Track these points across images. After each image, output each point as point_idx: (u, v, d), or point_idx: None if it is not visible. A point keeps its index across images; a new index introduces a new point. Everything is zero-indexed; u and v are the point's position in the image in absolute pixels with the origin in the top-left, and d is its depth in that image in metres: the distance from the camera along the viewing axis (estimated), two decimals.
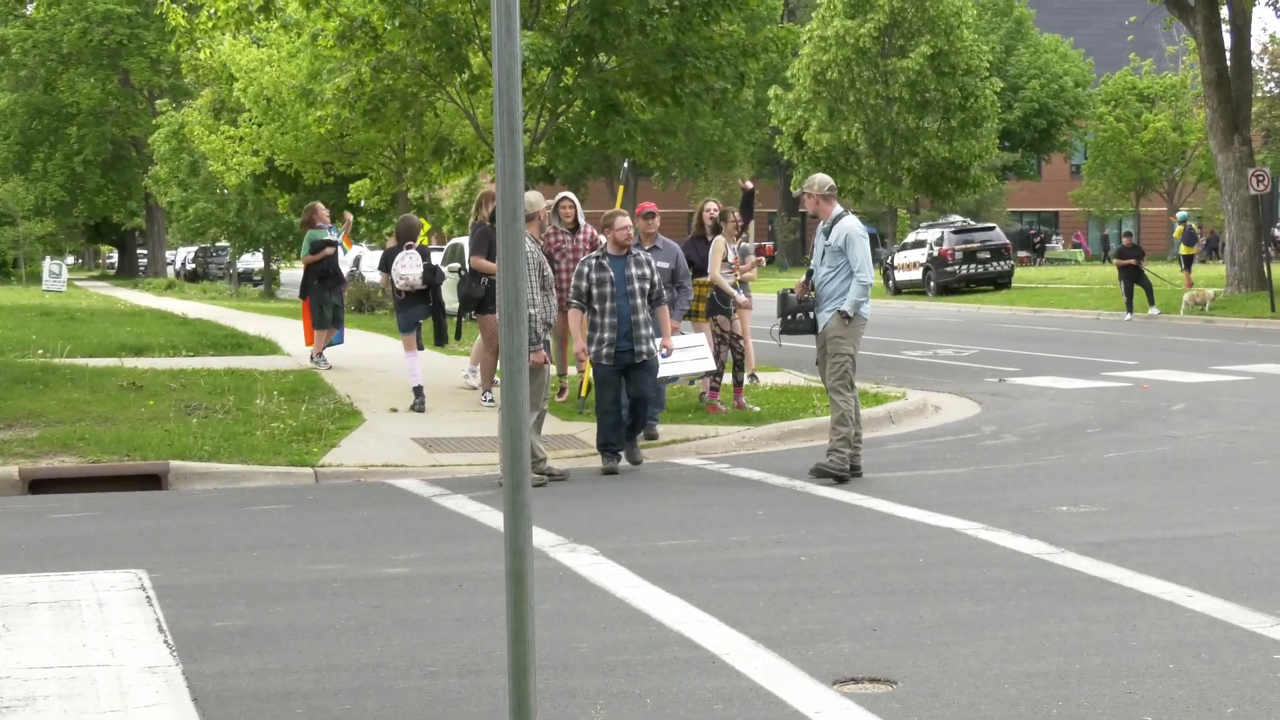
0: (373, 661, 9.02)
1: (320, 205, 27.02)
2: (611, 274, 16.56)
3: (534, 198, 17.26)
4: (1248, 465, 16.10)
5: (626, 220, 16.75)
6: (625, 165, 20.56)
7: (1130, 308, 43.01)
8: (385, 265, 21.85)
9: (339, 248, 26.18)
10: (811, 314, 15.86)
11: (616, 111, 27.52)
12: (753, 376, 22.67)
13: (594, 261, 16.67)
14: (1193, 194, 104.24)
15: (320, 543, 12.84)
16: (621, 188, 19.79)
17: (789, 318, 16.08)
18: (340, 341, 26.66)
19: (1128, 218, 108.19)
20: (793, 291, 16.08)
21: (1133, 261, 43.01)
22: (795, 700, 8.15)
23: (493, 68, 6.28)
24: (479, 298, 20.09)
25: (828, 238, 15.76)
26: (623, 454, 16.81)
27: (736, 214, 21.53)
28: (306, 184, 44.72)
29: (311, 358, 25.90)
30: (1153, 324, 41.11)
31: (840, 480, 15.21)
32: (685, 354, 18.70)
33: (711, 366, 19.55)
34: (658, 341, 16.82)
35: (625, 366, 16.57)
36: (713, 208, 21.40)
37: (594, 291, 16.53)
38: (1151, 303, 43.03)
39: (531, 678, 6.35)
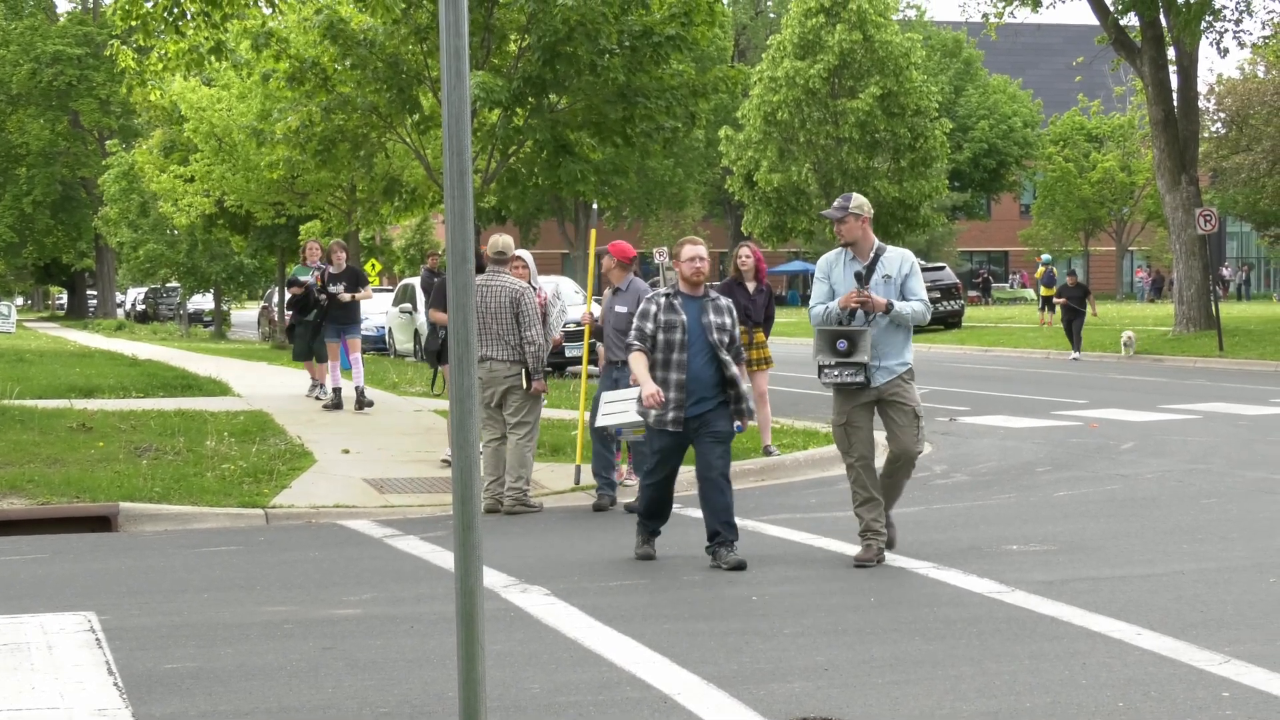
0: (324, 703, 8.99)
1: (314, 244, 27.56)
2: (684, 318, 13.25)
3: (505, 241, 17.20)
4: (1196, 503, 16.18)
5: (699, 249, 13.47)
6: (594, 207, 20.18)
7: (1076, 346, 43.20)
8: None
9: (313, 288, 26.24)
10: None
11: (568, 152, 27.60)
12: (768, 450, 20.06)
13: (663, 300, 13.37)
14: (1141, 233, 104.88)
15: (271, 584, 12.79)
16: (594, 231, 19.46)
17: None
18: (346, 366, 26.98)
19: (1077, 257, 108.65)
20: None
21: (1065, 300, 43.38)
22: None
23: (442, 110, 6.30)
24: (436, 350, 20.68)
25: (869, 275, 12.88)
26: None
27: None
28: (259, 224, 44.67)
29: (314, 391, 27.57)
30: (1102, 362, 41.28)
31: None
32: (625, 404, 16.31)
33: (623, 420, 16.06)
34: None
35: (691, 437, 13.40)
36: (745, 254, 19.98)
37: (660, 338, 13.26)
38: (1075, 348, 43.21)
39: (482, 719, 6.34)
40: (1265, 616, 10.73)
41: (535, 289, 18.04)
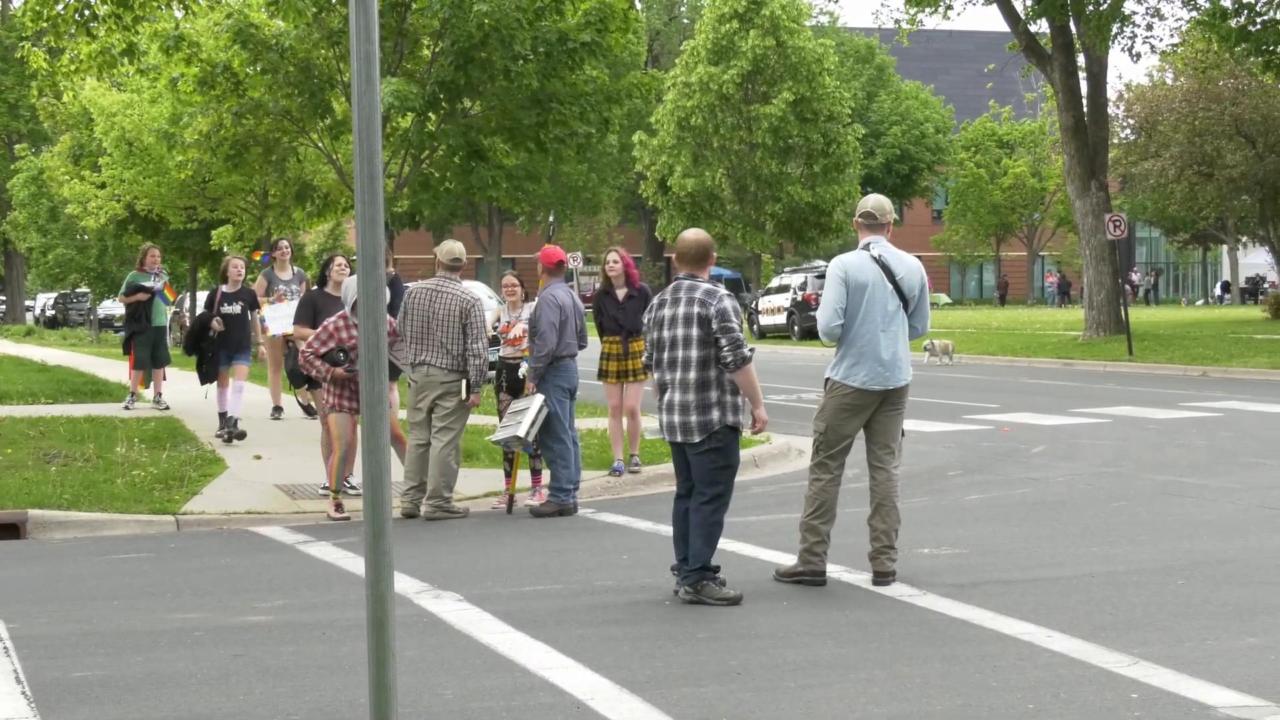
0: (234, 711, 8.94)
1: (154, 250, 27.03)
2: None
3: (459, 249, 17.11)
4: (1106, 506, 16.30)
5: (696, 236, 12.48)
6: (551, 219, 19.86)
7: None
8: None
9: (160, 296, 26.03)
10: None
11: (481, 157, 27.58)
12: (635, 460, 19.48)
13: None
14: (1052, 238, 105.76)
15: (182, 591, 12.72)
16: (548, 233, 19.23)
17: None
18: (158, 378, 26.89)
19: (988, 262, 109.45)
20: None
21: None
22: None
23: (353, 115, 6.28)
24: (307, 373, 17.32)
25: (896, 280, 12.57)
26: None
27: (513, 279, 18.07)
28: (171, 229, 44.38)
29: (155, 399, 26.69)
30: (1014, 367, 41.55)
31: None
32: (519, 416, 16.71)
33: (518, 433, 16.43)
34: (742, 409, 12.20)
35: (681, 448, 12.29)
36: (613, 259, 18.92)
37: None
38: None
39: None
40: (1173, 618, 10.82)
41: (514, 318, 17.75)
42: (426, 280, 16.85)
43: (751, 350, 12.04)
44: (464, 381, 16.60)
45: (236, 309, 22.88)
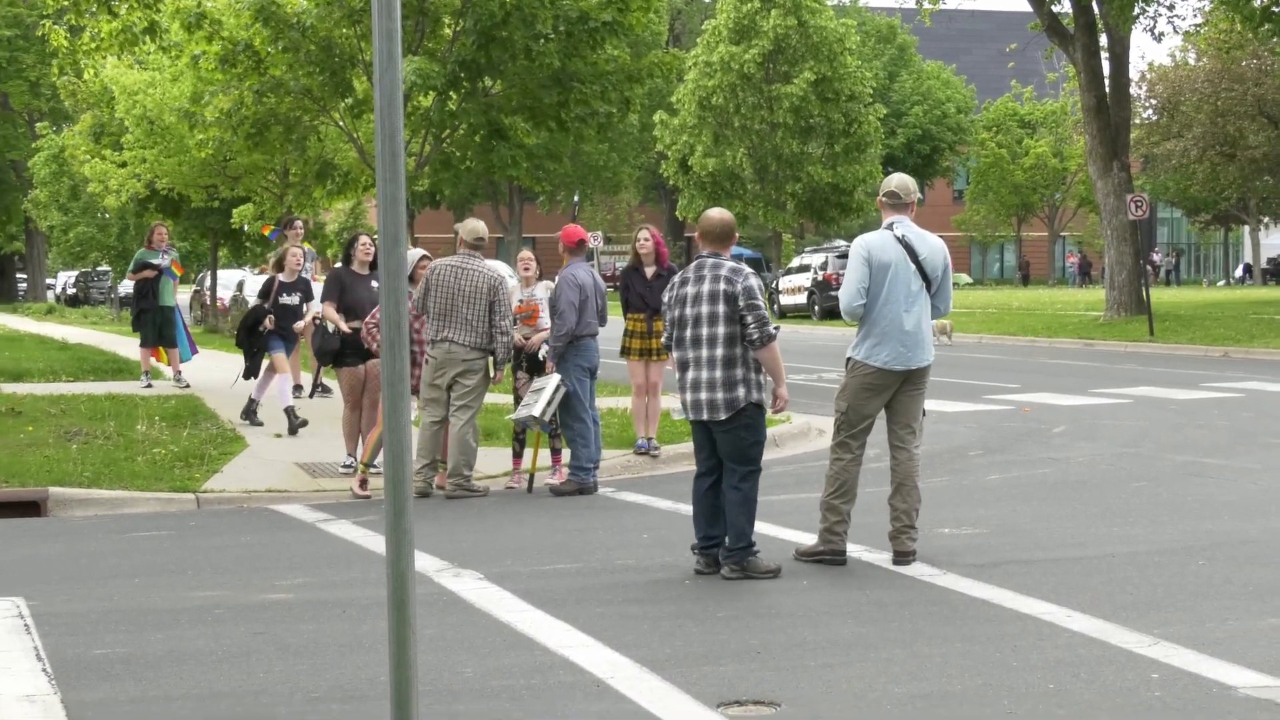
0: (255, 689, 8.96)
1: (161, 227, 26.99)
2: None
3: (482, 227, 17.07)
4: (1127, 487, 16.28)
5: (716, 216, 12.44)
6: (575, 198, 19.85)
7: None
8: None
9: (168, 272, 26.00)
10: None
11: (501, 136, 27.56)
12: (652, 444, 19.28)
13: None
14: (1073, 219, 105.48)
15: (202, 569, 12.73)
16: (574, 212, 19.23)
17: None
18: (186, 359, 26.73)
19: (1009, 242, 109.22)
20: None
21: None
22: None
23: (374, 94, 6.27)
24: (334, 349, 17.79)
25: (919, 260, 12.47)
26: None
27: (528, 254, 18.16)
28: (192, 207, 44.43)
29: (175, 377, 26.48)
30: (1034, 347, 41.48)
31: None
32: (537, 395, 16.64)
33: (534, 412, 16.43)
34: (764, 388, 12.18)
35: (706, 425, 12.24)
36: (644, 237, 18.87)
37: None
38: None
39: (414, 703, 6.33)
40: (1194, 599, 10.80)
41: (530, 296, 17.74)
42: (448, 257, 16.80)
43: (776, 328, 12.04)
44: (491, 359, 16.60)
45: (294, 299, 22.30)
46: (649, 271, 18.80)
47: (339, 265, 18.63)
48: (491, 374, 16.70)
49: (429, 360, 16.65)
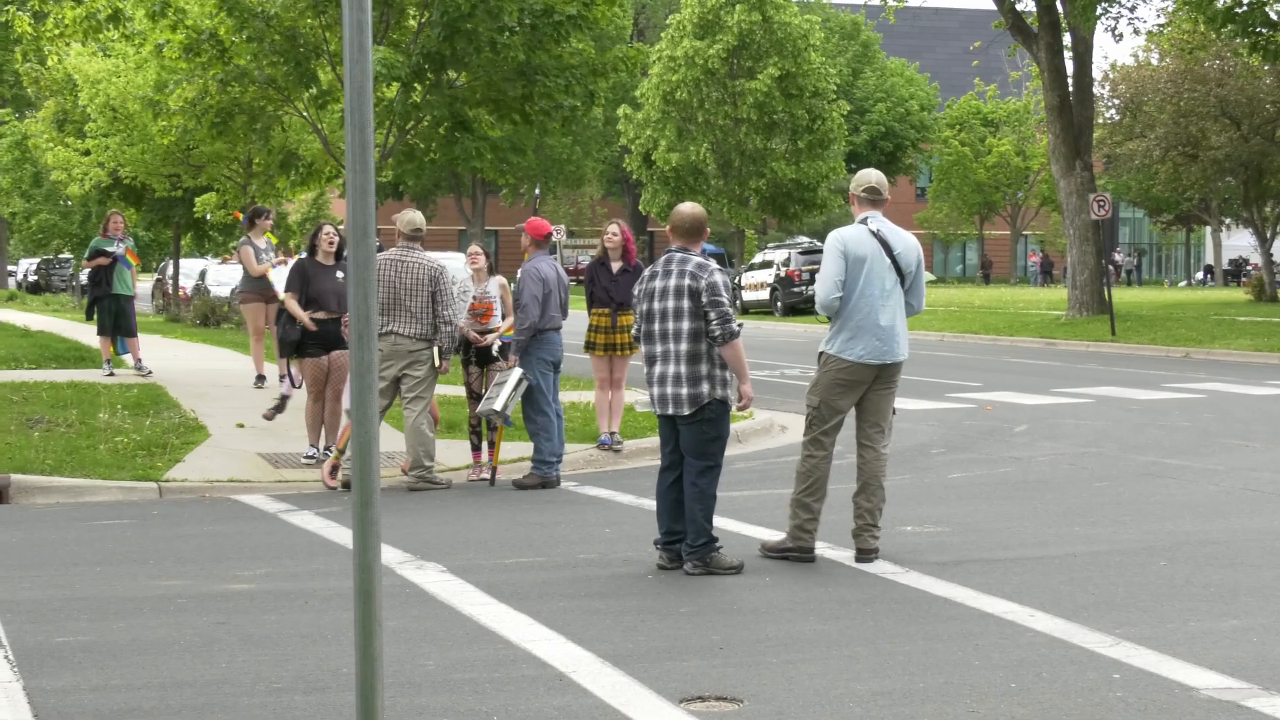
0: (217, 678, 8.94)
1: (117, 215, 26.75)
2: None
3: (419, 218, 17.05)
4: (1088, 486, 16.33)
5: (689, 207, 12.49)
6: (536, 191, 19.77)
7: None
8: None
9: (123, 261, 25.83)
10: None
11: (465, 128, 27.55)
12: (615, 439, 19.30)
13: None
14: (1035, 218, 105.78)
15: (165, 558, 12.70)
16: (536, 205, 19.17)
17: None
18: (123, 351, 26.49)
19: (971, 240, 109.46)
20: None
21: None
22: (642, 718, 8.17)
23: (344, 85, 6.26)
24: (294, 340, 17.79)
25: (894, 255, 12.38)
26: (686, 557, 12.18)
27: (477, 248, 18.04)
28: (155, 196, 44.30)
29: (136, 365, 26.16)
30: (996, 346, 41.59)
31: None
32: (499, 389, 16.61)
33: (494, 405, 16.42)
34: (729, 384, 12.24)
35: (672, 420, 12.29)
36: (612, 231, 18.96)
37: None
38: None
39: (379, 695, 6.32)
40: (1155, 599, 10.84)
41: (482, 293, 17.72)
42: (388, 251, 16.78)
43: (740, 326, 12.04)
44: (435, 349, 16.60)
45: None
46: (615, 266, 18.82)
47: (303, 255, 18.56)
48: (437, 364, 16.70)
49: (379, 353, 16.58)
